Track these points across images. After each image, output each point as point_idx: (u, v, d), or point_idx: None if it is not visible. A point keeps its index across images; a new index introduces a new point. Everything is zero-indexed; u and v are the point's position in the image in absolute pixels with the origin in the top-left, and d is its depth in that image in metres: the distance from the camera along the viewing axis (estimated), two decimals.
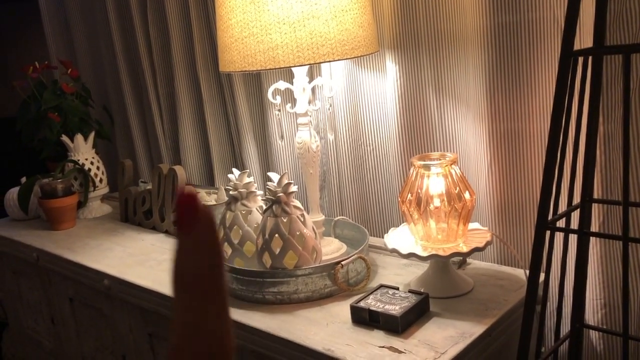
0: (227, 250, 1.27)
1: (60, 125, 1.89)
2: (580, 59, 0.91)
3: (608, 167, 1.07)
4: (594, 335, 1.14)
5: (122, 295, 1.40)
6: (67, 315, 1.66)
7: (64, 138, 1.84)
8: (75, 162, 1.84)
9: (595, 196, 1.06)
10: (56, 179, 1.77)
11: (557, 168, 0.90)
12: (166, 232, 1.66)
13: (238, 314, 1.14)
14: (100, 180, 1.89)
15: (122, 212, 1.81)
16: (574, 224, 1.03)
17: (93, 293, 1.51)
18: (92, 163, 1.87)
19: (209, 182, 1.90)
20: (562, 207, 0.99)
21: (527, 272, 0.93)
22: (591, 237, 1.07)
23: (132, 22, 1.89)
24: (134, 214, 1.76)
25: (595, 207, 1.07)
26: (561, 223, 0.96)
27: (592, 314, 1.13)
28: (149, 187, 1.72)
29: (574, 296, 1.03)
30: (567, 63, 0.86)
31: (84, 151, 1.86)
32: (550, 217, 0.91)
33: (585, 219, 0.99)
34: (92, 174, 1.86)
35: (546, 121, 1.17)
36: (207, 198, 1.69)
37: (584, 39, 1.06)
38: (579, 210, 0.98)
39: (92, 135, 1.88)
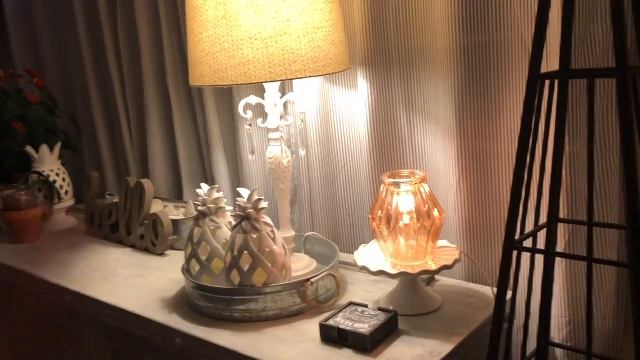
0: (195, 267, 1.25)
1: (25, 135, 1.84)
2: (547, 82, 0.93)
3: (574, 187, 1.09)
4: (559, 352, 1.15)
5: (86, 311, 1.36)
6: (27, 332, 1.61)
7: (29, 149, 1.80)
8: (40, 174, 1.80)
9: (562, 216, 1.07)
10: (20, 191, 1.72)
11: (525, 188, 0.91)
12: (133, 246, 1.62)
13: (205, 333, 1.13)
14: (66, 193, 1.85)
15: (88, 226, 1.77)
16: (541, 242, 1.04)
17: (56, 309, 1.47)
18: (57, 174, 1.83)
19: (177, 196, 1.88)
20: (530, 225, 1.01)
21: (495, 289, 0.93)
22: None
23: (101, 32, 1.87)
24: (100, 227, 1.73)
25: (561, 227, 1.09)
26: (528, 242, 0.97)
27: (558, 331, 1.14)
28: (116, 200, 1.69)
29: (540, 314, 1.05)
30: (534, 86, 0.87)
31: (49, 162, 1.82)
32: (517, 236, 0.92)
33: (551, 239, 1.01)
34: (57, 185, 1.82)
35: (514, 141, 1.18)
36: (175, 212, 1.67)
37: (551, 60, 1.08)
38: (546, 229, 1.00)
39: (58, 146, 1.84)
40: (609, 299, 1.10)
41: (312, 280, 1.17)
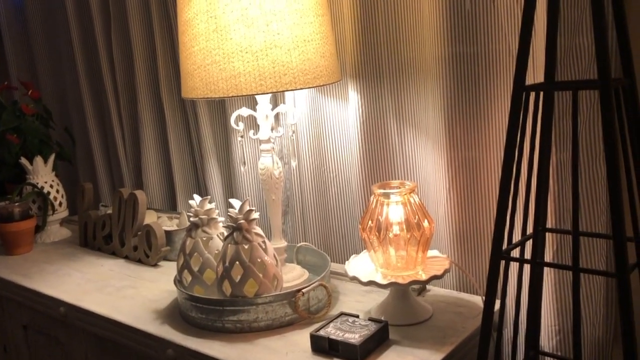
0: (187, 277, 1.26)
1: (19, 147, 1.85)
2: (532, 93, 0.94)
3: (561, 196, 1.10)
4: None
5: (78, 322, 1.36)
6: (20, 343, 1.61)
7: (23, 160, 1.80)
8: (34, 185, 1.80)
9: (549, 225, 1.08)
10: (13, 202, 1.73)
11: (512, 198, 0.92)
12: (126, 257, 1.63)
13: (197, 343, 1.13)
14: (60, 204, 1.85)
15: (82, 237, 1.77)
16: (529, 251, 1.05)
17: (49, 320, 1.47)
18: (51, 186, 1.83)
19: (171, 206, 1.89)
20: (517, 234, 1.02)
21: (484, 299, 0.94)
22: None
23: (95, 44, 1.88)
24: (93, 238, 1.73)
25: (548, 236, 1.10)
26: (516, 252, 0.98)
27: (547, 340, 1.15)
28: (110, 211, 1.70)
29: (528, 323, 1.05)
30: (519, 97, 0.89)
31: (43, 174, 1.83)
32: (504, 246, 0.93)
33: (538, 248, 1.02)
34: (51, 197, 1.82)
35: (502, 150, 1.19)
36: (169, 223, 1.67)
37: (537, 72, 1.09)
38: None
39: (52, 158, 1.84)
40: (597, 308, 1.11)
41: (303, 290, 1.17)
